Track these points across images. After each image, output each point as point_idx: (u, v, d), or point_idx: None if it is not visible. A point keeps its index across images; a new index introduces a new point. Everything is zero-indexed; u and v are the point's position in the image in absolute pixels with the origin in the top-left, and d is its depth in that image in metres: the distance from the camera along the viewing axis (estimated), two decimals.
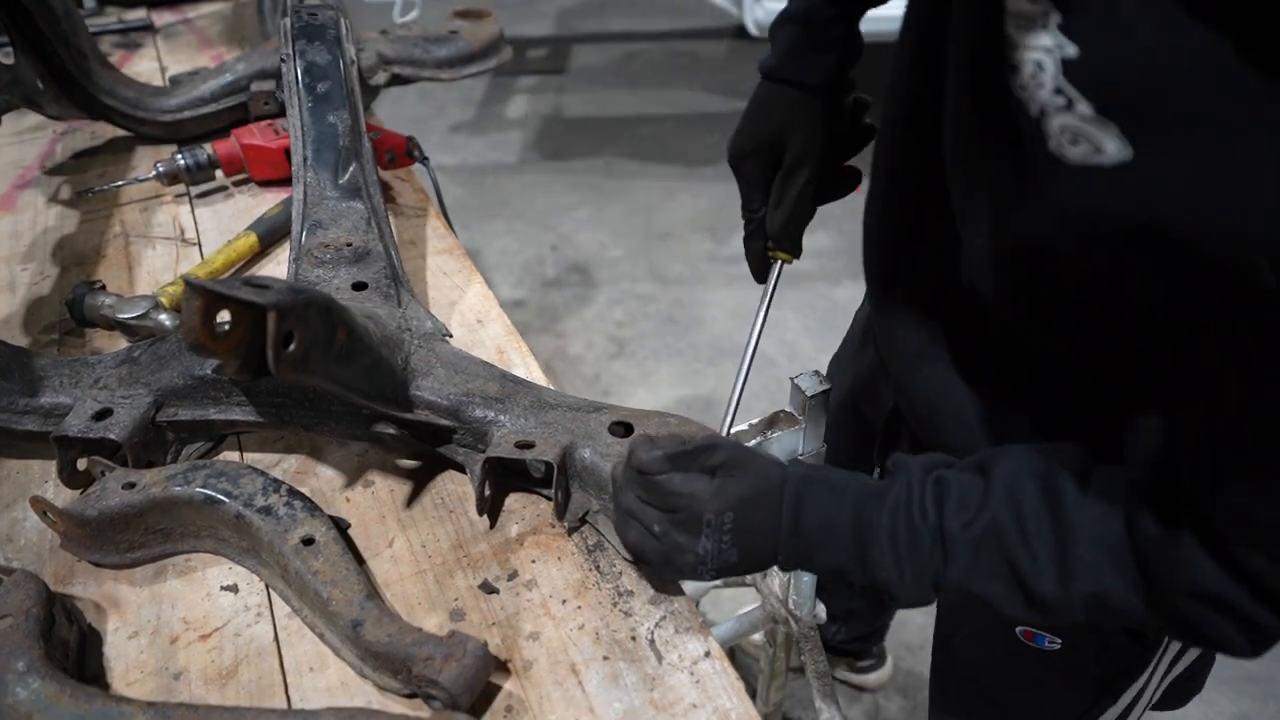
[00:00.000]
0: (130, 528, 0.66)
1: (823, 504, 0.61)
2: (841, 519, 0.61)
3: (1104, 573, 0.55)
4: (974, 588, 0.59)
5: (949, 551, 0.59)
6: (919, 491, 0.61)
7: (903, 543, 0.60)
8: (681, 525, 0.60)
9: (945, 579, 0.60)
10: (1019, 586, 0.58)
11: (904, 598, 0.61)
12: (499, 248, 3.00)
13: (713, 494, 0.60)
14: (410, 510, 0.72)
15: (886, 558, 0.60)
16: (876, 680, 1.67)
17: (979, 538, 0.58)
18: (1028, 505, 0.58)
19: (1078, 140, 0.42)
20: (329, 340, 0.61)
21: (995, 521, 0.58)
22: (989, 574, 0.58)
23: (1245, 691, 1.63)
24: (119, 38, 1.68)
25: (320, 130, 0.95)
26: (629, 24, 4.69)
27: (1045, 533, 0.57)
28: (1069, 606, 0.56)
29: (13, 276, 1.03)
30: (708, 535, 0.60)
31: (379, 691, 0.59)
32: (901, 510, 0.61)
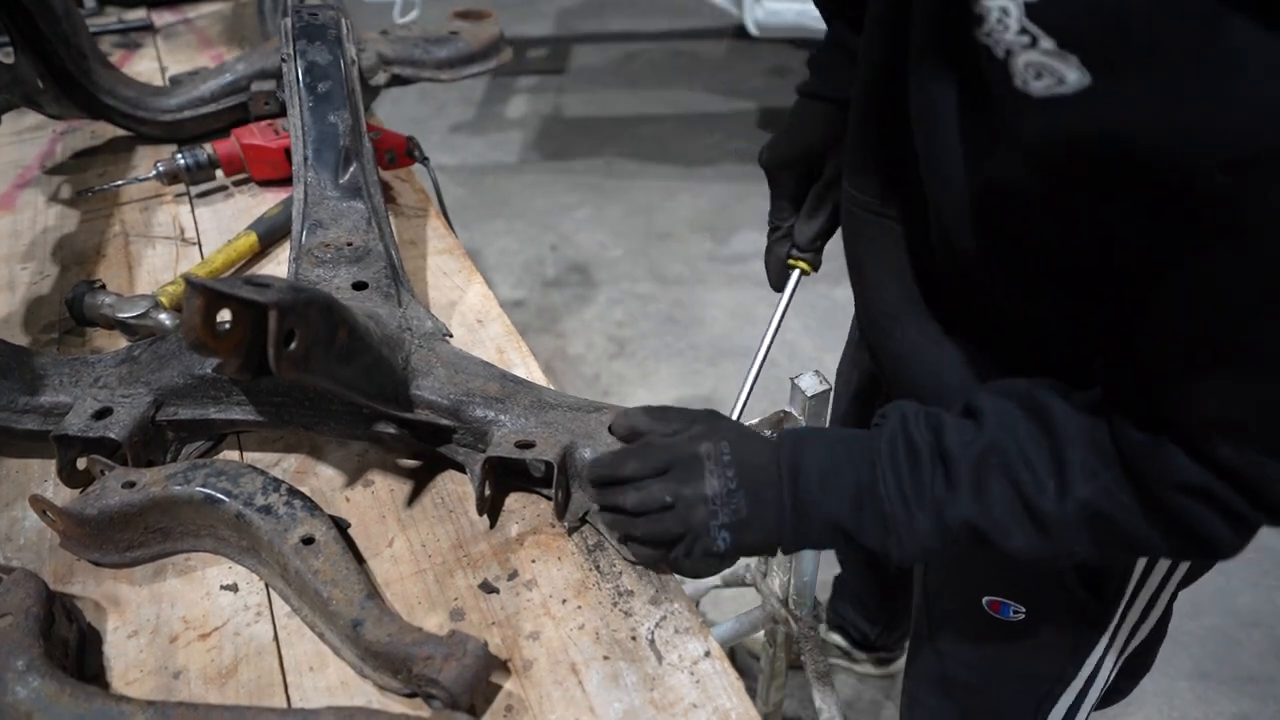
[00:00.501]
0: (130, 527, 0.66)
1: (820, 452, 0.62)
2: (839, 462, 0.62)
3: (1097, 475, 0.56)
4: (976, 518, 0.59)
5: (951, 474, 0.59)
6: (914, 419, 0.62)
7: (904, 470, 0.60)
8: (682, 476, 0.61)
9: (951, 511, 0.59)
10: (1022, 505, 0.58)
11: (910, 540, 0.60)
12: (499, 248, 3.00)
13: (700, 431, 0.62)
14: (410, 510, 0.72)
15: (890, 489, 0.60)
16: (895, 669, 1.68)
17: (979, 457, 0.59)
18: (1020, 426, 0.59)
19: (1041, 74, 0.45)
20: (330, 339, 0.61)
21: (994, 440, 0.59)
22: (993, 498, 0.59)
23: (1245, 691, 1.63)
24: (119, 38, 1.67)
25: (321, 130, 0.95)
26: (629, 24, 4.69)
27: (1040, 446, 0.58)
28: (1069, 525, 0.58)
29: (13, 276, 1.03)
30: (711, 471, 0.60)
31: (379, 691, 0.59)
32: (900, 436, 0.61)
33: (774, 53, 4.23)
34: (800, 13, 2.84)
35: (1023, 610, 0.81)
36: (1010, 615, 0.82)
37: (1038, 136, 0.48)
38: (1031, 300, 0.62)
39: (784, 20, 2.86)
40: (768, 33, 2.92)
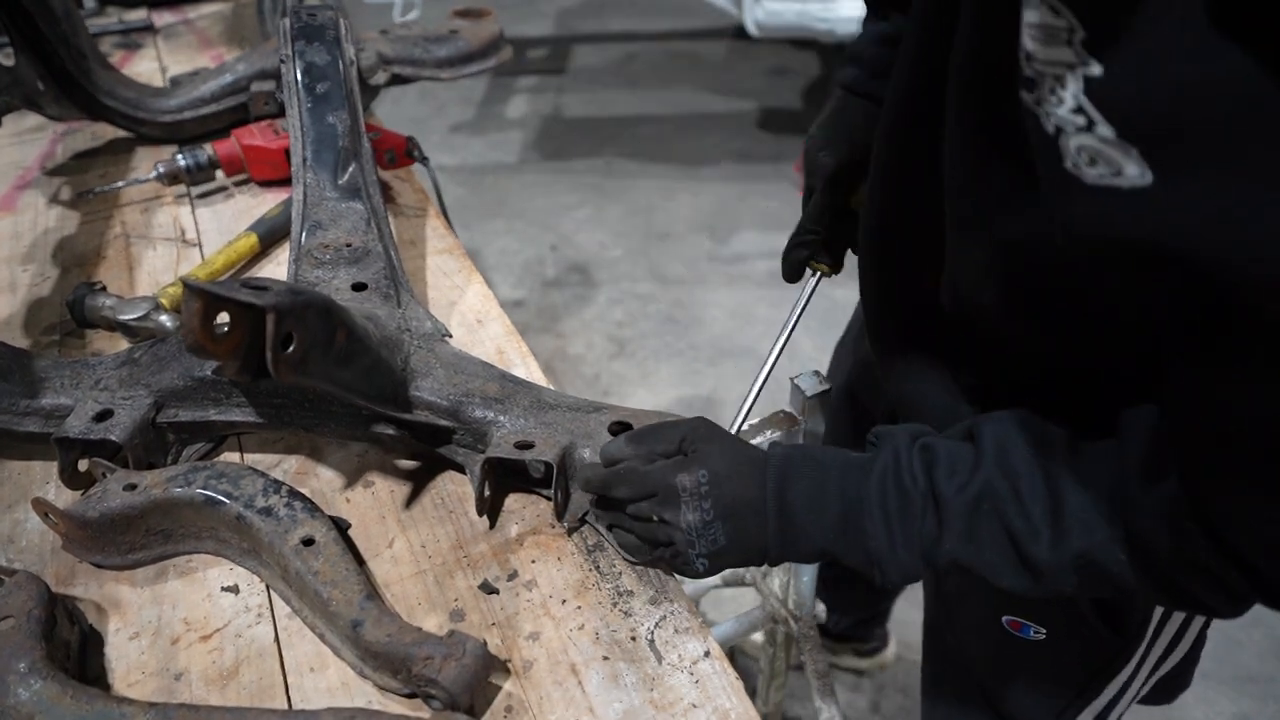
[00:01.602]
0: (131, 529, 0.66)
1: (808, 480, 0.61)
2: (828, 493, 0.61)
3: (1095, 530, 0.55)
4: (966, 557, 0.58)
5: (943, 517, 0.58)
6: (906, 457, 0.60)
7: (893, 510, 0.59)
8: (663, 502, 0.61)
9: (938, 550, 0.59)
10: (1014, 551, 0.57)
11: (894, 570, 0.60)
12: (499, 248, 3.00)
13: (683, 463, 0.62)
14: (410, 511, 0.72)
15: (877, 527, 0.59)
16: (882, 661, 1.67)
17: (973, 501, 0.57)
18: (1021, 465, 0.57)
19: (1096, 161, 0.40)
20: (328, 341, 0.61)
21: (988, 484, 0.57)
22: (984, 542, 0.58)
23: (1245, 691, 1.63)
24: (119, 38, 1.68)
25: (320, 131, 0.96)
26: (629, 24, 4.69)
27: (1039, 492, 0.56)
28: (1061, 570, 0.56)
29: (13, 278, 1.03)
30: (687, 504, 0.60)
31: (379, 691, 0.59)
32: (890, 476, 0.60)
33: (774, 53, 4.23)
34: (800, 13, 2.84)
35: (1043, 632, 0.80)
36: (1030, 635, 0.80)
37: (1086, 224, 0.44)
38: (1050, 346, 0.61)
39: (784, 20, 2.86)
40: (768, 33, 2.92)
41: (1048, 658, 0.82)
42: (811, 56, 4.17)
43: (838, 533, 0.61)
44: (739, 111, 3.78)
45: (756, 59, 4.21)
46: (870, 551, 0.60)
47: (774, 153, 3.45)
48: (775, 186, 3.20)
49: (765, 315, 2.58)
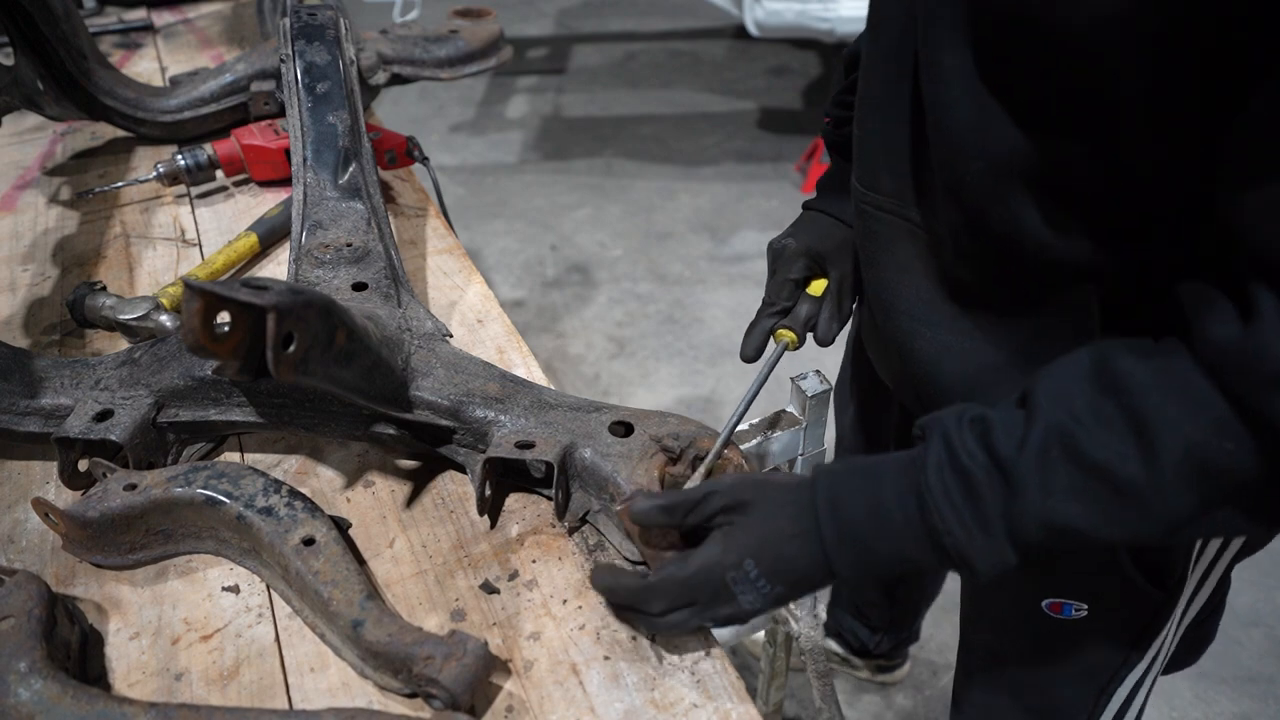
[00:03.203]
0: (131, 529, 0.66)
1: (861, 494, 0.58)
2: (886, 502, 0.57)
3: (1188, 422, 0.50)
4: (1055, 517, 0.53)
5: (1012, 483, 0.54)
6: (959, 438, 0.57)
7: (959, 498, 0.55)
8: (713, 603, 0.58)
9: (1022, 521, 0.54)
10: (1105, 486, 0.52)
11: (982, 562, 0.56)
12: (499, 248, 3.00)
13: (720, 554, 0.58)
14: (411, 510, 0.72)
15: (948, 521, 0.55)
16: (899, 676, 1.68)
17: (1039, 452, 0.53)
18: (1080, 397, 0.53)
19: None
20: (328, 341, 0.61)
21: (1050, 428, 0.53)
22: (1067, 491, 0.53)
23: (1245, 691, 1.63)
24: (119, 38, 1.68)
25: (320, 130, 0.96)
26: (629, 24, 4.69)
27: (1108, 413, 0.52)
28: (1164, 488, 0.51)
29: (13, 277, 1.03)
30: (742, 592, 0.57)
31: (380, 691, 0.59)
32: (946, 464, 0.56)
33: (774, 53, 4.23)
34: (800, 13, 2.84)
35: (1085, 608, 0.79)
36: (1073, 614, 0.80)
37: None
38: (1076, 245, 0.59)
39: (784, 20, 2.86)
40: (768, 33, 2.92)
41: (1090, 633, 0.81)
42: (811, 56, 4.17)
43: (910, 539, 0.57)
44: (739, 111, 3.78)
45: (756, 59, 4.21)
46: (950, 549, 0.56)
47: (774, 153, 3.45)
48: (775, 186, 3.20)
49: None
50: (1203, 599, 0.80)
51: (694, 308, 2.67)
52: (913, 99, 0.66)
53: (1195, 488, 0.51)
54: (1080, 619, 0.80)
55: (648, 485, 0.65)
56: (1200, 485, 0.51)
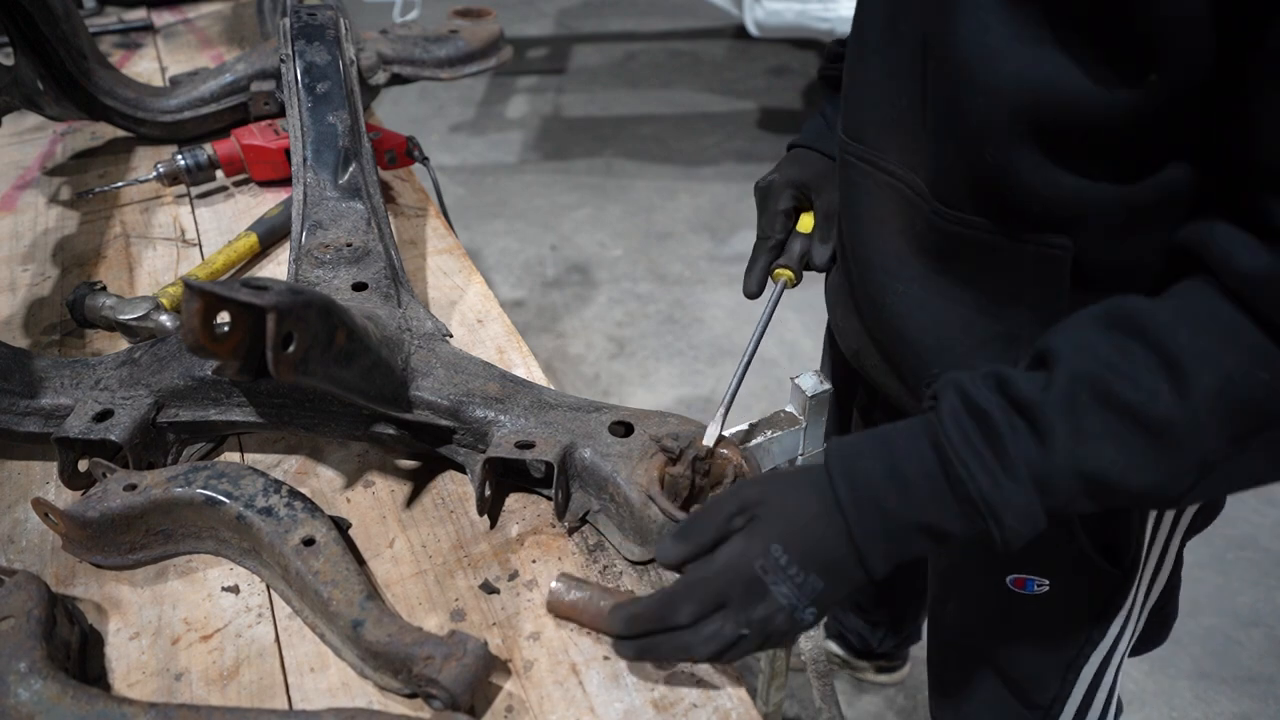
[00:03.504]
0: (131, 529, 0.66)
1: (876, 456, 0.56)
2: (903, 463, 0.55)
3: (1218, 356, 0.49)
4: (1086, 463, 0.51)
5: (1038, 424, 0.52)
6: (974, 387, 0.55)
7: (978, 441, 0.53)
8: (747, 601, 0.55)
9: (1051, 467, 0.52)
10: (1138, 427, 0.50)
11: (1009, 514, 0.53)
12: (499, 248, 3.00)
13: (744, 545, 0.56)
14: (410, 510, 0.72)
15: (970, 466, 0.53)
16: (899, 677, 1.68)
17: (1066, 396, 0.52)
18: (1103, 344, 0.52)
19: None
20: (328, 341, 0.61)
21: (1077, 372, 0.52)
22: (1099, 435, 0.51)
23: (1245, 691, 1.63)
24: (119, 38, 1.68)
25: (320, 130, 0.96)
26: (629, 24, 4.69)
27: (1137, 354, 0.51)
28: (1199, 424, 0.50)
29: (13, 277, 1.03)
30: (775, 583, 0.55)
31: (380, 692, 0.59)
32: (962, 409, 0.54)
33: (774, 53, 4.23)
34: (800, 13, 2.84)
35: (1046, 583, 0.81)
36: (1034, 589, 0.81)
37: None
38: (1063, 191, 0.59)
39: (784, 20, 2.86)
40: (768, 33, 2.92)
41: (1053, 608, 0.83)
42: (811, 56, 4.17)
43: (933, 498, 0.54)
44: (739, 111, 3.78)
45: (756, 59, 4.21)
46: (975, 500, 0.53)
47: (774, 153, 3.45)
48: None
49: None
50: (1163, 579, 0.83)
51: (694, 308, 2.67)
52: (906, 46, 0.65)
53: (1229, 424, 0.50)
54: (1042, 594, 0.82)
55: (648, 486, 0.65)
56: (1235, 421, 0.50)
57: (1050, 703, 0.88)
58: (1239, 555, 1.86)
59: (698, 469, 0.67)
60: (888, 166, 0.72)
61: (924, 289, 0.72)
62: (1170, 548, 0.80)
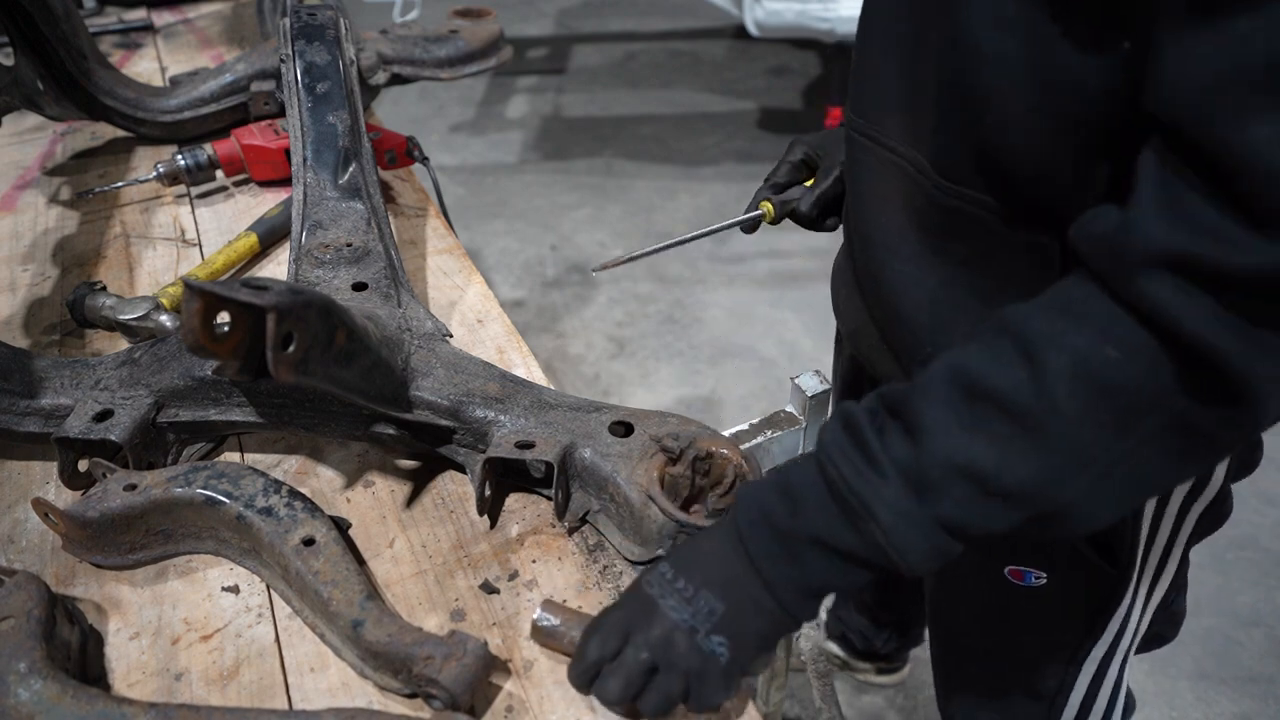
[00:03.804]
0: (131, 529, 0.66)
1: (768, 489, 0.58)
2: (793, 479, 0.57)
3: (1069, 334, 0.50)
4: (959, 456, 0.51)
5: (909, 423, 0.53)
6: (851, 405, 0.57)
7: (847, 444, 0.55)
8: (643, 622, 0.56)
9: (924, 465, 0.52)
10: (1003, 416, 0.51)
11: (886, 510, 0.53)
12: (499, 248, 3.00)
13: (635, 585, 0.58)
14: (410, 510, 0.72)
15: (842, 470, 0.54)
16: (900, 678, 1.68)
17: (935, 391, 0.53)
18: (974, 342, 0.53)
19: None
20: (328, 341, 0.61)
21: (942, 369, 0.53)
22: (965, 428, 0.51)
23: (1245, 691, 1.63)
24: (119, 38, 1.68)
25: (320, 130, 0.96)
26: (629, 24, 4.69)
27: (1001, 345, 0.52)
28: (1058, 409, 0.50)
29: (13, 277, 1.03)
30: (662, 596, 0.56)
31: (380, 691, 0.59)
32: (836, 421, 0.57)
33: (774, 53, 4.23)
34: (800, 13, 2.84)
35: (1044, 576, 0.82)
36: (1032, 581, 0.82)
37: None
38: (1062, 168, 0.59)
39: (784, 20, 2.86)
40: (768, 33, 2.92)
41: (1051, 602, 0.84)
42: (811, 56, 4.17)
43: (819, 507, 0.55)
44: (739, 111, 3.78)
45: (756, 59, 4.21)
46: (848, 499, 0.54)
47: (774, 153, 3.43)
48: None
49: (765, 315, 2.58)
50: (1167, 579, 0.83)
51: (694, 308, 2.67)
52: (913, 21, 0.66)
53: (1095, 409, 0.49)
54: (1040, 587, 0.82)
55: (648, 486, 0.65)
56: (1099, 405, 0.49)
57: (1054, 694, 0.89)
58: (1239, 555, 1.86)
59: (698, 469, 0.67)
60: (890, 143, 0.73)
61: (920, 267, 0.74)
62: (1174, 549, 0.81)
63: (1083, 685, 0.88)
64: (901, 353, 0.80)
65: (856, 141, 0.78)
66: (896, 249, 0.76)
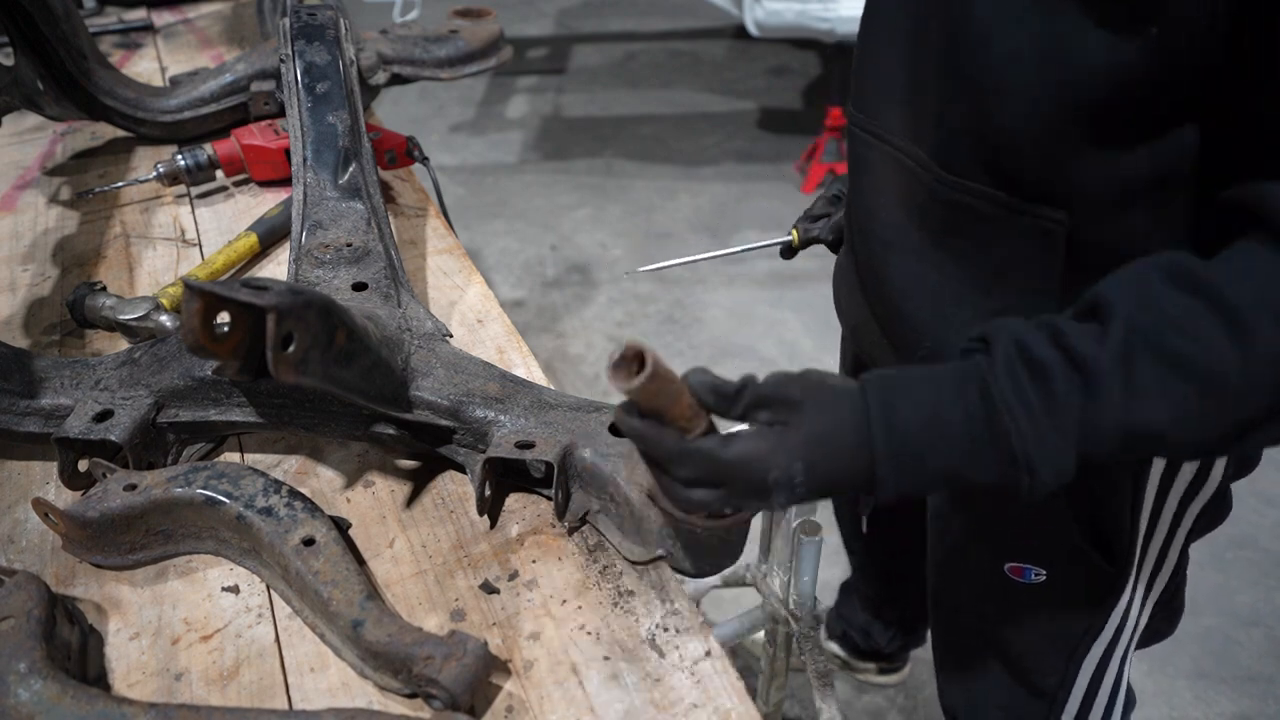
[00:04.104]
0: (131, 529, 0.66)
1: (919, 398, 0.54)
2: (944, 406, 0.53)
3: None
4: (1135, 418, 0.51)
5: (1091, 380, 0.51)
6: (1031, 337, 0.54)
7: (1033, 393, 0.52)
8: (746, 497, 0.55)
9: (1098, 422, 0.51)
10: (1193, 381, 0.50)
11: (1047, 468, 0.52)
12: (499, 248, 3.00)
13: (770, 449, 0.53)
14: (410, 510, 0.72)
15: (1019, 419, 0.52)
16: (900, 678, 1.68)
17: (1122, 349, 0.51)
18: (1161, 297, 0.51)
19: None
20: (328, 341, 0.61)
21: (1133, 326, 0.51)
22: (1151, 390, 0.50)
23: (1245, 691, 1.63)
24: (119, 38, 1.68)
25: (320, 130, 0.96)
26: (629, 24, 4.69)
27: (1198, 308, 0.50)
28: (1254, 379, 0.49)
29: (13, 278, 1.03)
30: (779, 495, 0.54)
31: (380, 692, 0.59)
32: (1018, 359, 0.53)
33: (774, 53, 4.23)
34: (800, 13, 2.84)
35: (1044, 573, 0.82)
36: (1032, 579, 0.83)
37: None
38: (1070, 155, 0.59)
39: (784, 20, 2.86)
40: (768, 33, 2.92)
41: (1052, 598, 0.84)
42: (811, 56, 4.17)
43: (965, 448, 0.53)
44: (739, 111, 3.78)
45: (756, 59, 4.21)
46: (1015, 453, 0.52)
47: (774, 153, 3.45)
48: (775, 186, 3.20)
49: (765, 315, 2.58)
50: (1165, 575, 0.84)
51: (694, 308, 2.67)
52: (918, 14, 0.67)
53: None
54: (1040, 583, 0.83)
55: (648, 485, 0.65)
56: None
57: (1055, 690, 0.89)
58: (1239, 555, 1.86)
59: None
60: (891, 139, 0.74)
61: (921, 263, 0.74)
62: (1172, 545, 0.81)
63: (1083, 681, 0.88)
64: (901, 348, 0.80)
65: (858, 137, 0.79)
66: (897, 244, 0.76)
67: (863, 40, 0.77)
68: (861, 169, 0.79)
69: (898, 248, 0.76)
